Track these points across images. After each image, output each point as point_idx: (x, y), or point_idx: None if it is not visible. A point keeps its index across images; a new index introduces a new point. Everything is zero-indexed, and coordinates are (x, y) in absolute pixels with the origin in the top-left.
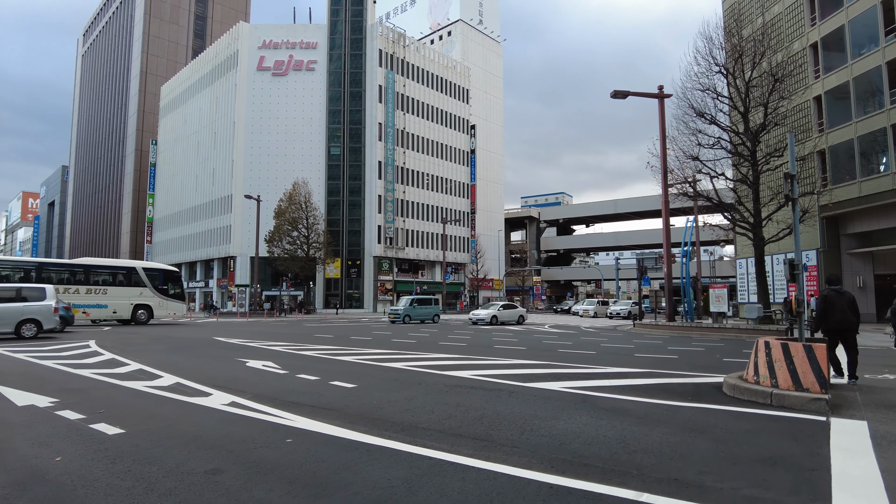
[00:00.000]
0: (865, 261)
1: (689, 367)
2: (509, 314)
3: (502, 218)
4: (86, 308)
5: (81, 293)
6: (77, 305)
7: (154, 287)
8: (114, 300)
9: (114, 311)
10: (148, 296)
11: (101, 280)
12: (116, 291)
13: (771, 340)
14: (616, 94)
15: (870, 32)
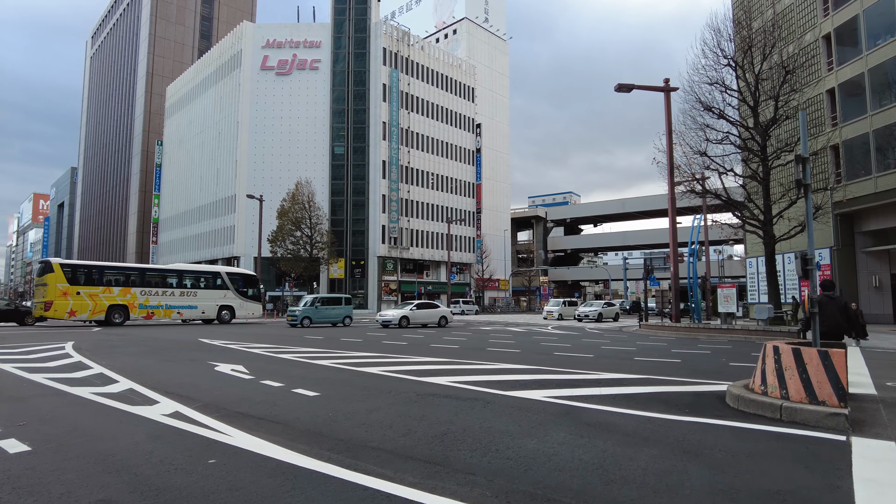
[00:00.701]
0: (882, 260)
1: (691, 372)
2: (426, 315)
3: (508, 218)
4: (180, 309)
5: (176, 296)
6: (172, 307)
7: (236, 290)
8: (203, 302)
9: (202, 312)
10: (231, 298)
11: (191, 283)
12: (205, 294)
13: (780, 345)
14: (620, 87)
15: (886, 21)
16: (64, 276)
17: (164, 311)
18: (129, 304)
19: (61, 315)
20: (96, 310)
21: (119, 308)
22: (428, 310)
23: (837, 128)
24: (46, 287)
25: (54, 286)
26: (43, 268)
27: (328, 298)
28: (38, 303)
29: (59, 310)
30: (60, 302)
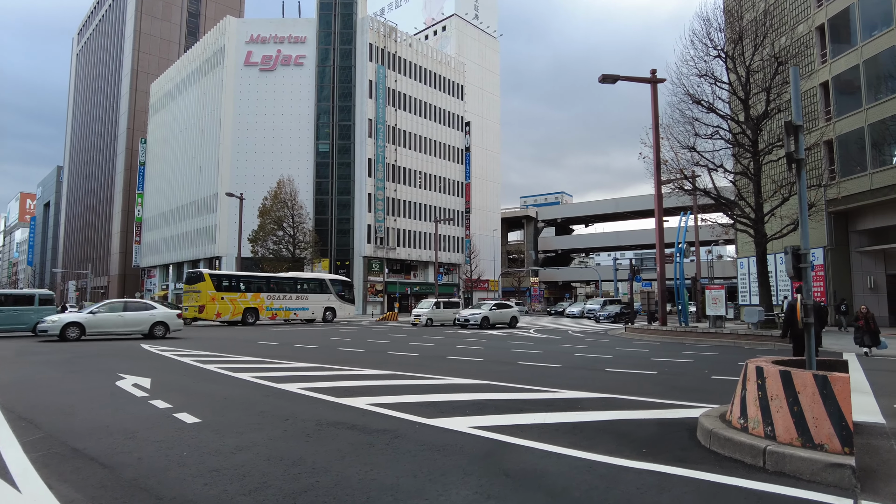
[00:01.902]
0: (877, 259)
1: (666, 390)
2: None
3: (499, 217)
4: (296, 310)
5: (292, 299)
6: (290, 308)
7: (336, 294)
8: (312, 304)
9: (312, 313)
10: (333, 300)
11: (303, 289)
12: (314, 298)
13: (766, 366)
14: (605, 77)
15: (882, 11)
16: (213, 284)
17: (284, 313)
18: (259, 306)
19: (210, 316)
20: (235, 312)
21: (251, 310)
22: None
23: (831, 122)
24: (199, 293)
25: (206, 293)
26: (195, 277)
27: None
28: (191, 306)
29: (209, 312)
30: (210, 306)
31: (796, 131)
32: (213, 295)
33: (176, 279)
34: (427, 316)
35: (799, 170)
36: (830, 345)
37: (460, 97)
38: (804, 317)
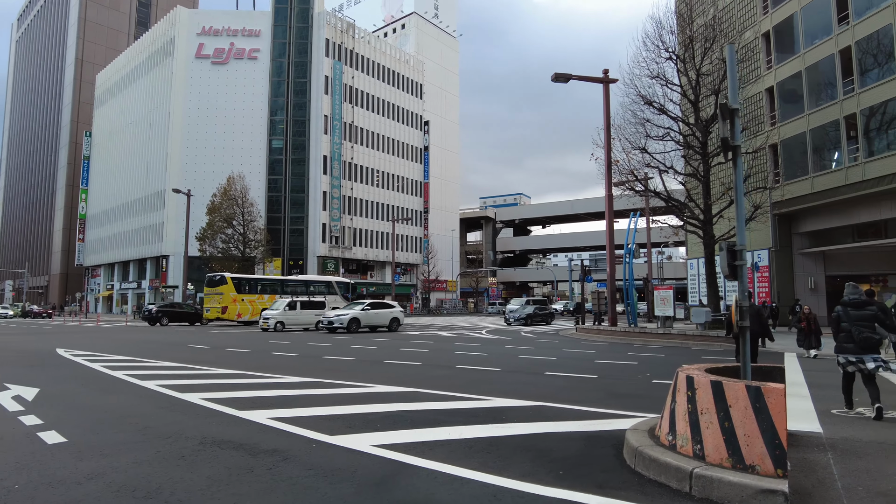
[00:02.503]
0: (817, 261)
1: (603, 396)
2: None
3: (457, 218)
4: None
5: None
6: None
7: (341, 295)
8: None
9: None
10: (339, 300)
11: (312, 290)
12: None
13: (696, 375)
14: (557, 76)
15: (822, 21)
16: (234, 287)
17: None
18: None
19: (232, 317)
20: (254, 313)
21: None
22: None
23: (776, 127)
24: (222, 296)
25: (228, 295)
26: (217, 280)
27: None
28: (213, 308)
29: (231, 313)
30: (232, 307)
31: (732, 115)
32: (235, 297)
33: (122, 278)
34: (277, 319)
35: (735, 157)
36: (775, 346)
37: (419, 96)
38: (739, 320)
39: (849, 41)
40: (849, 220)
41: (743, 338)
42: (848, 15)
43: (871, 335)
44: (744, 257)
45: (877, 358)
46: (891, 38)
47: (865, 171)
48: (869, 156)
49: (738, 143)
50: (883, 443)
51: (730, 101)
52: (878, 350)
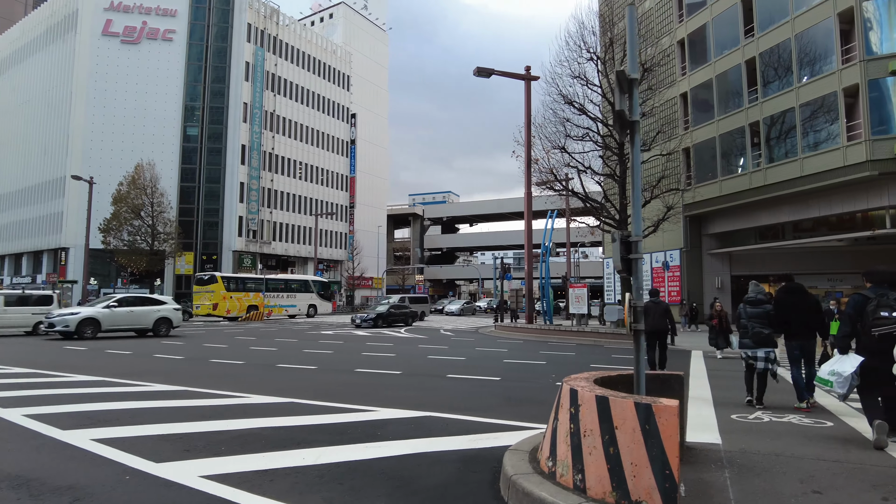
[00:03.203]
0: (724, 261)
1: (500, 401)
2: None
3: (385, 214)
4: (287, 307)
5: (284, 298)
6: (282, 305)
7: (317, 293)
8: (299, 302)
9: (299, 309)
10: (315, 299)
11: (292, 288)
12: (301, 296)
13: (581, 387)
14: (479, 71)
15: (731, 31)
16: (224, 285)
17: (278, 309)
18: (259, 304)
19: (222, 312)
20: (241, 309)
21: (253, 307)
22: None
23: (689, 131)
24: (213, 293)
25: (218, 293)
26: (207, 279)
27: None
28: (203, 304)
29: (221, 309)
30: (222, 304)
31: (630, 85)
32: (225, 294)
33: (14, 272)
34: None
35: (633, 134)
36: (684, 344)
37: (346, 88)
38: (633, 322)
39: (754, 52)
40: (752, 222)
41: (637, 343)
42: (753, 28)
43: (763, 330)
44: (639, 250)
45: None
46: (789, 52)
47: (767, 176)
48: (770, 162)
49: (636, 118)
50: (780, 455)
51: (628, 69)
52: (772, 344)
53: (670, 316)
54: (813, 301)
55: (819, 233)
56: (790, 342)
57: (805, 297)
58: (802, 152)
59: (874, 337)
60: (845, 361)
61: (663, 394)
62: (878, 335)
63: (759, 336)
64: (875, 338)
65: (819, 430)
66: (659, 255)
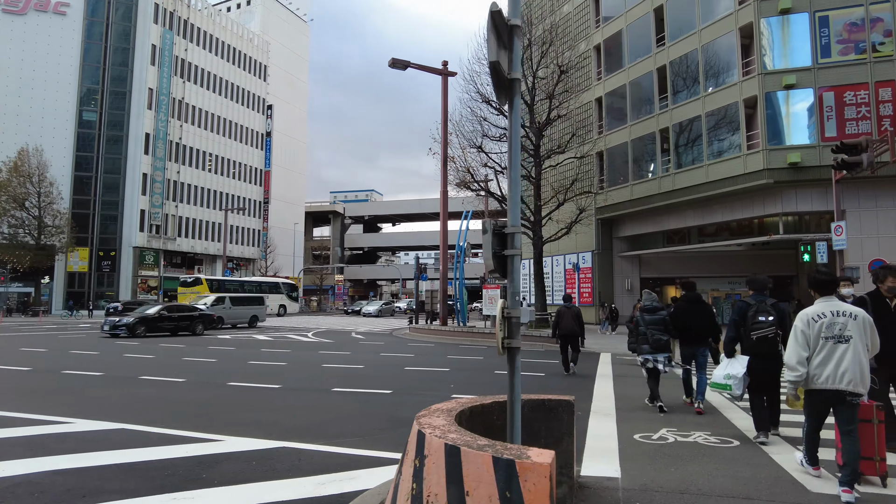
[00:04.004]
0: (633, 264)
1: (381, 422)
2: None
3: (303, 210)
4: None
5: None
6: None
7: (287, 294)
8: (272, 302)
9: (270, 309)
10: (285, 300)
11: (265, 290)
12: (273, 297)
13: (431, 431)
14: (394, 62)
15: (644, 39)
16: (208, 287)
17: None
18: None
19: None
20: None
21: None
22: None
23: (603, 135)
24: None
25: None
26: (192, 282)
27: None
28: None
29: None
30: None
31: (510, 34)
32: None
33: None
34: None
35: (511, 97)
36: (593, 346)
37: (263, 78)
38: (506, 337)
39: (665, 61)
40: (660, 226)
41: (512, 364)
42: (664, 37)
43: (661, 337)
44: (517, 244)
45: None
46: (696, 63)
47: (675, 181)
48: (678, 168)
49: (515, 75)
50: (684, 492)
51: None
52: (669, 350)
53: (581, 320)
54: (709, 309)
55: (721, 237)
56: (686, 347)
57: (702, 306)
58: (708, 159)
59: (754, 340)
60: (735, 364)
61: (548, 425)
62: (757, 338)
63: (659, 342)
64: (754, 341)
65: (725, 452)
66: (572, 256)
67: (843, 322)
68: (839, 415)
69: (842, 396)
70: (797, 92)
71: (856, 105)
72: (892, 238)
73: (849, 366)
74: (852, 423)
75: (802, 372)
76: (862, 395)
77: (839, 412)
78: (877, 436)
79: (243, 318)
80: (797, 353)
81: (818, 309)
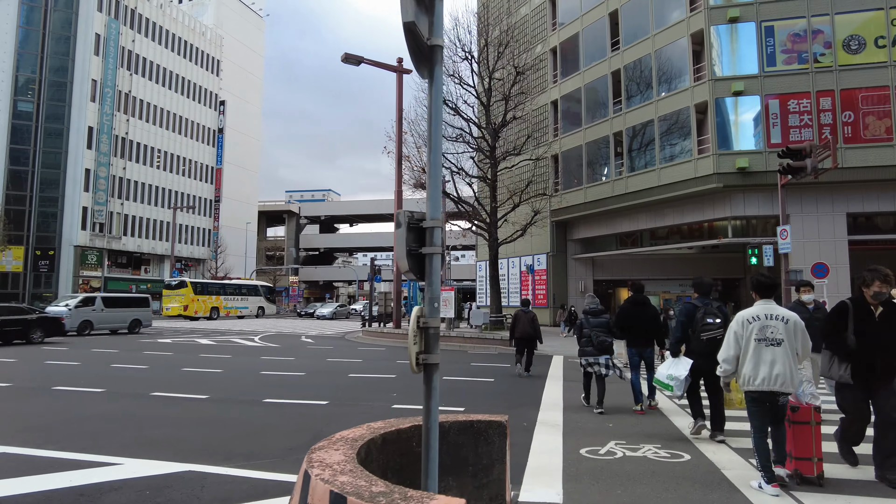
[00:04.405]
0: (587, 266)
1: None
2: None
3: (256, 210)
4: (241, 309)
5: (238, 300)
6: (237, 307)
7: (265, 297)
8: (251, 304)
9: (251, 311)
10: (263, 301)
11: (245, 293)
12: (252, 299)
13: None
14: (347, 57)
15: (599, 43)
16: (192, 290)
17: (234, 311)
18: (219, 306)
19: (191, 313)
20: (206, 310)
21: (215, 308)
22: None
23: (558, 138)
24: (183, 296)
25: (188, 295)
26: (178, 285)
27: None
28: (174, 306)
29: (190, 310)
30: (192, 305)
31: None
32: (193, 297)
33: None
34: None
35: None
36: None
37: (216, 73)
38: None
39: (619, 65)
40: (613, 229)
41: (428, 383)
42: (619, 41)
43: (605, 339)
44: (437, 241)
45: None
46: (650, 67)
47: (628, 184)
48: (631, 171)
49: (436, 41)
50: None
51: None
52: (612, 352)
53: (537, 324)
54: (653, 312)
55: (672, 240)
56: (631, 349)
57: (647, 309)
58: (660, 163)
59: (703, 341)
60: (679, 365)
61: (477, 451)
62: (706, 339)
63: (603, 344)
64: (704, 342)
65: (676, 468)
66: (527, 258)
67: (774, 325)
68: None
69: (775, 397)
70: (745, 98)
71: (799, 113)
72: (831, 242)
73: (782, 369)
74: (781, 419)
75: (726, 368)
76: (790, 395)
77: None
78: (814, 437)
79: (121, 322)
80: (726, 351)
81: (754, 311)
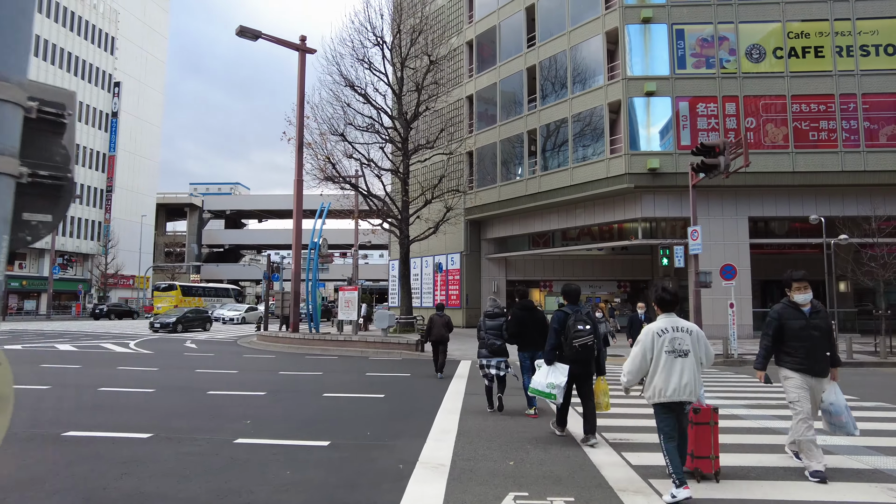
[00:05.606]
0: (500, 266)
1: (78, 500)
2: None
3: (154, 202)
4: None
5: (215, 301)
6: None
7: (234, 298)
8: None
9: None
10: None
11: (221, 295)
12: (226, 300)
13: None
14: (243, 31)
15: (516, 38)
16: (181, 292)
17: None
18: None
19: None
20: None
21: None
22: None
23: (473, 134)
24: (173, 298)
25: (178, 297)
26: (168, 287)
27: None
28: (164, 306)
29: None
30: (180, 306)
31: None
32: (181, 299)
33: None
34: None
35: None
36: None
37: (109, 51)
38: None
39: (535, 61)
40: (526, 229)
41: None
42: (535, 37)
43: (496, 341)
44: None
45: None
46: (565, 65)
47: (541, 184)
48: (545, 170)
49: None
50: None
51: None
52: (505, 354)
53: (451, 327)
54: (541, 316)
55: (583, 241)
56: (522, 353)
57: (535, 313)
58: (573, 162)
59: (576, 347)
60: (556, 372)
61: None
62: (580, 345)
63: (493, 347)
64: (577, 348)
65: None
66: (441, 257)
67: (681, 337)
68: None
69: (682, 406)
70: (657, 100)
71: (707, 116)
72: (735, 245)
73: (689, 378)
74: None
75: (629, 379)
76: (693, 402)
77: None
78: (713, 436)
79: None
80: (631, 364)
81: (662, 325)
